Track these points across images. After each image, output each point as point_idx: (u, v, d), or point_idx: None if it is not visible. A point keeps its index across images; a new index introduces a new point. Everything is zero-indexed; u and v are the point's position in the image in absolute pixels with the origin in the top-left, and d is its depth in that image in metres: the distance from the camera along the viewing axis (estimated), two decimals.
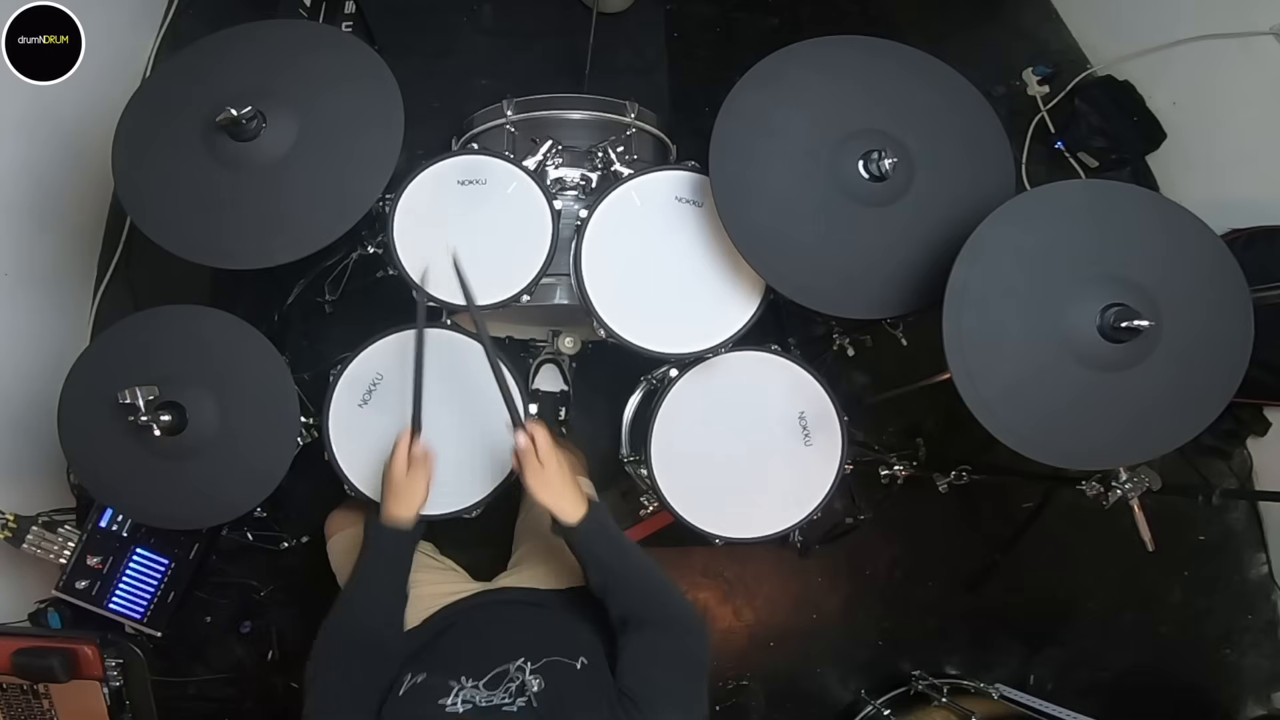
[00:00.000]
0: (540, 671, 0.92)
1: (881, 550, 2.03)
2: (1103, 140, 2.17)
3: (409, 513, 1.10)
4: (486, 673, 0.93)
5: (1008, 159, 1.29)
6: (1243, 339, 1.14)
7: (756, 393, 1.38)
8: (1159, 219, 1.16)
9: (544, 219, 1.36)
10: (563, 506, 1.06)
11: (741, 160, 1.23)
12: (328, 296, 1.87)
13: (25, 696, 1.38)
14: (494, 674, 0.93)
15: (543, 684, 0.90)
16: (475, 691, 0.91)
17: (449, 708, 0.89)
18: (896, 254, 1.25)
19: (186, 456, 1.23)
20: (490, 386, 1.18)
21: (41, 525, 1.49)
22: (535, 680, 0.90)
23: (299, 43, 1.31)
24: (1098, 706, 1.65)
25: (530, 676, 0.91)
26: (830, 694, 1.99)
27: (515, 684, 0.91)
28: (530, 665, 0.93)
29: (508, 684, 0.92)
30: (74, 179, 1.85)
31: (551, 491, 1.06)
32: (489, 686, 0.92)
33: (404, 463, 1.11)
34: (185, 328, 1.27)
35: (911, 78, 1.28)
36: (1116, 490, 1.32)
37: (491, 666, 0.94)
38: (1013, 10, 2.39)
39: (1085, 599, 2.07)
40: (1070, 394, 1.11)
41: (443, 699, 0.90)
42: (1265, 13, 1.76)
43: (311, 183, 1.23)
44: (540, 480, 1.06)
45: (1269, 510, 2.10)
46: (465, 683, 0.92)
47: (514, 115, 1.53)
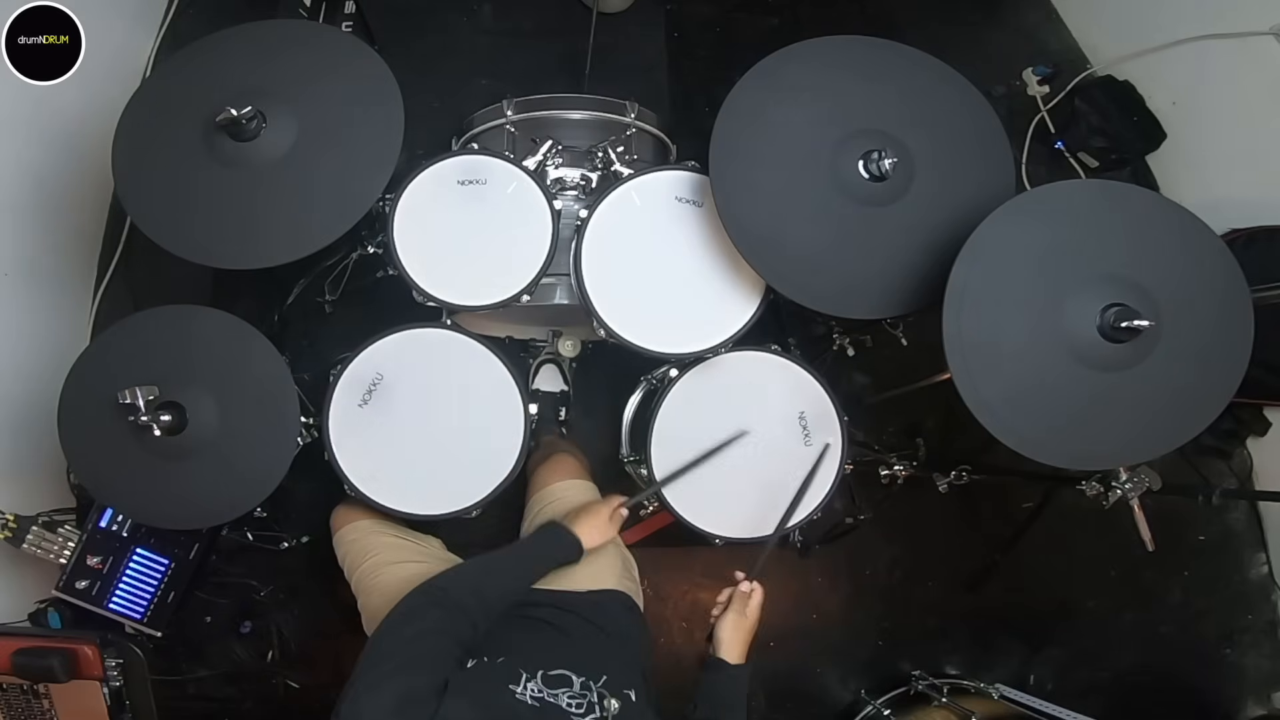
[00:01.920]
0: (611, 694, 0.92)
1: (881, 550, 2.03)
2: (1103, 140, 2.17)
3: (589, 542, 1.19)
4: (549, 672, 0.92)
5: (1008, 159, 1.29)
6: (1243, 339, 1.14)
7: (756, 393, 1.38)
8: (1159, 219, 1.16)
9: (544, 219, 1.36)
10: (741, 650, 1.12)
11: (741, 160, 1.23)
12: (328, 296, 1.87)
13: (25, 696, 1.38)
14: (556, 675, 0.92)
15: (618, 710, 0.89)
16: (539, 686, 0.90)
17: (518, 695, 0.87)
18: (896, 254, 1.25)
19: (186, 456, 1.23)
20: (490, 386, 1.18)
21: (41, 525, 1.49)
22: (612, 703, 0.90)
23: (299, 43, 1.31)
24: (1098, 706, 1.65)
25: (608, 698, 0.90)
26: (830, 694, 1.99)
27: (586, 698, 0.90)
28: (596, 684, 0.93)
29: (574, 694, 0.91)
30: (74, 179, 1.85)
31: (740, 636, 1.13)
32: (550, 686, 0.91)
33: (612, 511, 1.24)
34: (185, 328, 1.27)
35: (911, 78, 1.28)
36: (1116, 490, 1.32)
37: (554, 667, 0.93)
38: (1013, 10, 2.39)
39: (1085, 599, 2.07)
40: (1070, 394, 1.11)
41: (512, 685, 0.88)
42: (1265, 13, 1.76)
43: (311, 183, 1.24)
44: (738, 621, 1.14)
45: (1269, 510, 2.10)
46: (532, 674, 0.91)
47: (514, 115, 1.53)
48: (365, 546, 1.36)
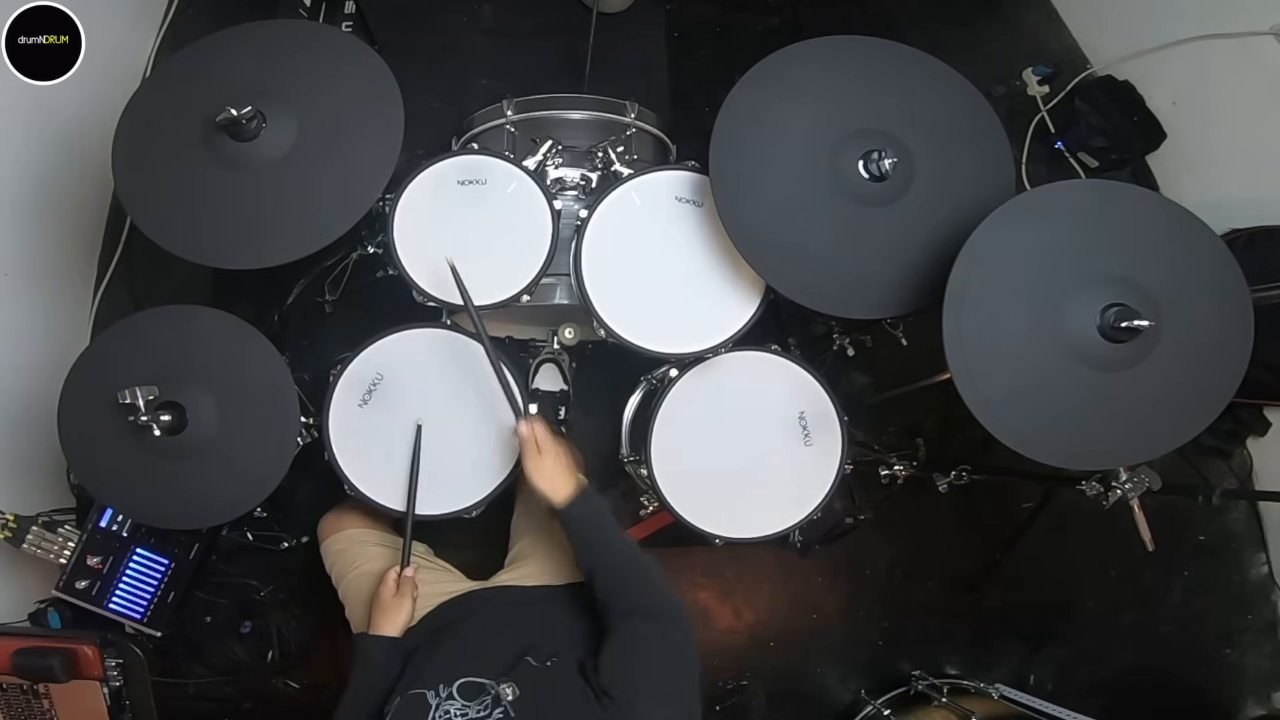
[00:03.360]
0: (514, 679, 0.93)
1: (881, 550, 2.03)
2: (1103, 140, 2.17)
3: (394, 630, 1.19)
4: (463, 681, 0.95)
5: (1008, 159, 1.29)
6: (1243, 339, 1.14)
7: (756, 393, 1.38)
8: (1159, 219, 1.16)
9: (544, 219, 1.36)
10: (554, 489, 1.12)
11: (741, 160, 1.23)
12: (328, 296, 1.87)
13: (25, 696, 1.38)
14: (470, 684, 0.95)
15: (517, 691, 0.91)
16: (452, 703, 0.93)
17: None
18: (896, 254, 1.25)
19: (186, 456, 1.23)
20: (489, 387, 1.18)
21: (41, 525, 1.48)
22: (509, 689, 0.92)
23: (299, 43, 1.31)
24: (1098, 706, 1.65)
25: (504, 686, 0.92)
26: (830, 694, 1.99)
27: (490, 695, 0.93)
28: (505, 673, 0.95)
29: (483, 696, 0.93)
30: (74, 179, 1.85)
31: (544, 475, 1.13)
32: (466, 696, 0.93)
33: (393, 585, 1.22)
34: (185, 328, 1.27)
35: (911, 77, 1.28)
36: (1116, 490, 1.32)
37: (468, 674, 0.96)
38: (1013, 10, 2.39)
39: (1085, 599, 2.07)
40: (1070, 394, 1.11)
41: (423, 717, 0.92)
42: (1265, 13, 1.76)
43: (311, 183, 1.23)
44: (535, 463, 1.14)
45: (1269, 510, 2.10)
46: (442, 693, 0.94)
47: (514, 115, 1.53)
48: (351, 557, 1.38)
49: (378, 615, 1.20)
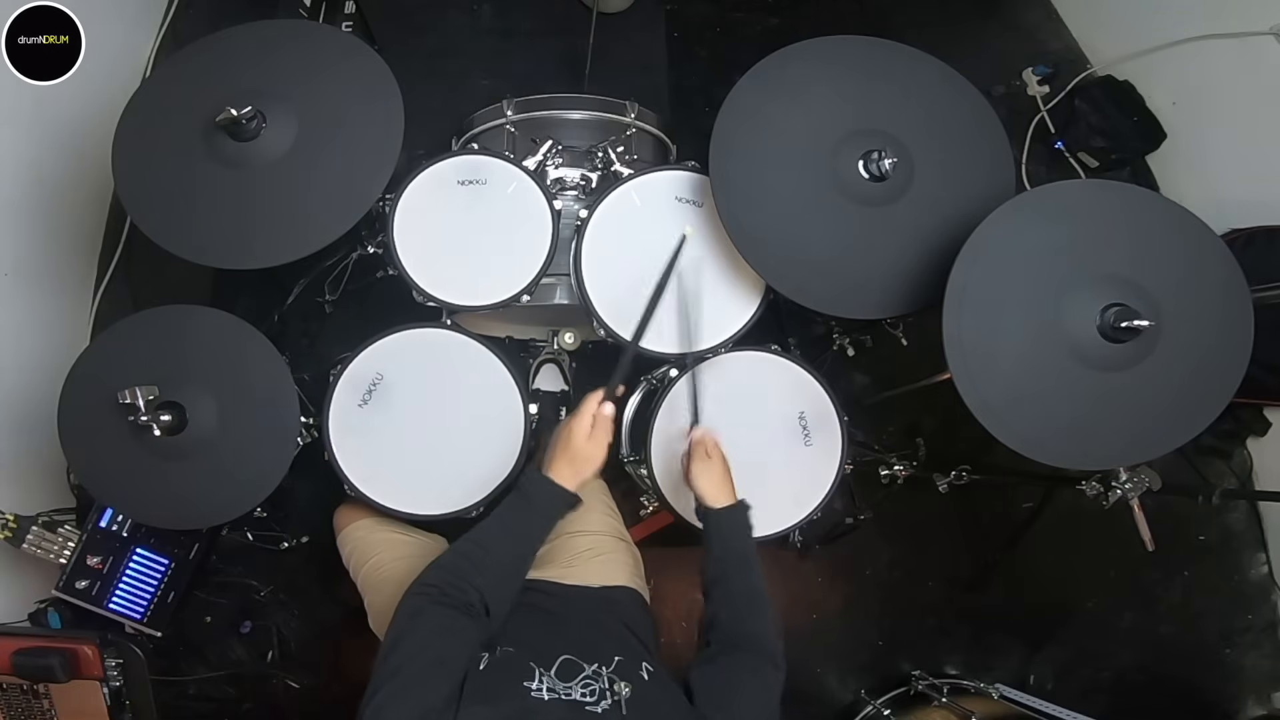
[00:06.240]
0: (622, 677, 0.88)
1: (881, 550, 2.03)
2: (1103, 140, 2.17)
3: (578, 480, 1.01)
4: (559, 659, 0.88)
5: (1008, 159, 1.29)
6: (1243, 339, 1.14)
7: (756, 393, 1.38)
8: (1159, 219, 1.16)
9: (544, 219, 1.36)
10: (718, 494, 1.10)
11: (741, 160, 1.23)
12: (328, 296, 1.87)
13: (25, 696, 1.38)
14: (565, 662, 0.88)
15: (630, 691, 0.85)
16: (553, 681, 0.85)
17: (533, 692, 0.83)
18: (896, 254, 1.25)
19: (186, 456, 1.23)
20: (491, 386, 1.18)
21: (41, 525, 1.49)
22: (624, 687, 0.85)
23: (299, 43, 1.31)
24: (1098, 706, 1.65)
25: (618, 683, 0.86)
26: (830, 694, 1.99)
27: (596, 685, 0.86)
28: (607, 669, 0.89)
29: (586, 682, 0.87)
30: (74, 179, 1.85)
31: (711, 479, 1.11)
32: (562, 678, 0.86)
33: (588, 422, 1.03)
34: (185, 328, 1.27)
35: (911, 77, 1.28)
36: (1116, 490, 1.32)
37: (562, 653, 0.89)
38: (1012, 10, 2.39)
39: (1085, 599, 2.07)
40: (1070, 394, 1.11)
41: (526, 681, 0.84)
42: (1265, 13, 1.76)
43: (311, 183, 1.24)
44: (704, 466, 1.11)
45: (1269, 510, 2.10)
46: (544, 668, 0.87)
47: (514, 115, 1.53)
48: (370, 544, 1.36)
49: (559, 459, 1.00)
